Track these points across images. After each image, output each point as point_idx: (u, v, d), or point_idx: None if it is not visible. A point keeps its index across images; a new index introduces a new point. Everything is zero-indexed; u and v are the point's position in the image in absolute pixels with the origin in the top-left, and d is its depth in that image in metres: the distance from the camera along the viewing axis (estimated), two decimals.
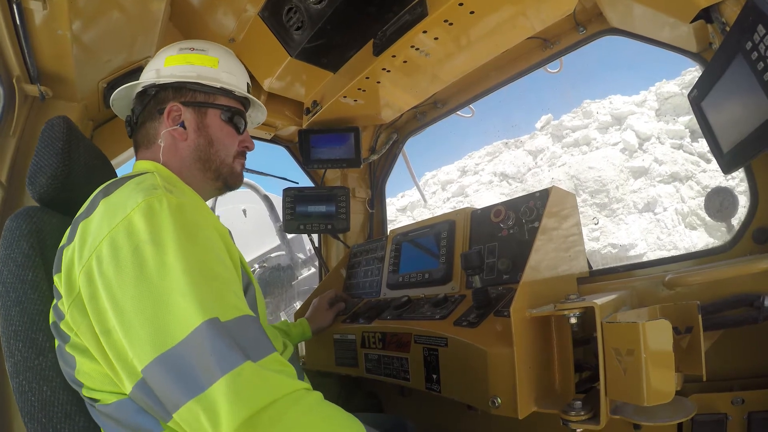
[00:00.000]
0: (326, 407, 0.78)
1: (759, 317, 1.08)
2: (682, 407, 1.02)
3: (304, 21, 1.62)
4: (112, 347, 0.78)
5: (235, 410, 0.66)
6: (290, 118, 2.24)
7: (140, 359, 0.73)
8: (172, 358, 0.71)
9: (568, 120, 26.13)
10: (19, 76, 1.39)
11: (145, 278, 0.76)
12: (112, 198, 0.87)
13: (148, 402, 0.76)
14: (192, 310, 0.73)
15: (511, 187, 25.61)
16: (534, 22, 1.52)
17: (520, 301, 1.06)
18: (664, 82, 24.33)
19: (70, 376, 0.88)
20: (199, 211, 0.89)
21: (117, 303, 0.76)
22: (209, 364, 0.70)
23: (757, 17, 0.90)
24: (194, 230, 0.83)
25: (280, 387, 0.73)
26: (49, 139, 1.05)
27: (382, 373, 1.56)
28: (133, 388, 0.77)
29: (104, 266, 0.78)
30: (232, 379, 0.69)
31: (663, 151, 21.22)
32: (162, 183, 0.90)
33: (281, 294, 7.07)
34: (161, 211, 0.81)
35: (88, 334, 0.81)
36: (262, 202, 5.86)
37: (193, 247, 0.80)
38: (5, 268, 0.95)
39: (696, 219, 18.27)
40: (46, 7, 1.20)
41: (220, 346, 0.71)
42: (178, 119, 1.16)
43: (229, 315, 0.76)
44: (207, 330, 0.72)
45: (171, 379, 0.71)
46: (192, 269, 0.77)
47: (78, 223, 0.88)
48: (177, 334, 0.72)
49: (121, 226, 0.80)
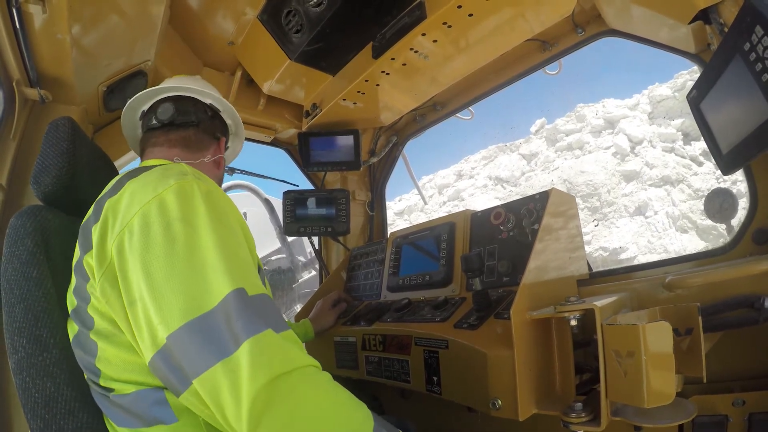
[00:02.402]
0: (337, 387, 0.80)
1: (759, 318, 1.08)
2: (683, 409, 1.01)
3: (303, 24, 1.63)
4: (135, 318, 0.79)
5: (256, 373, 0.68)
6: (290, 121, 2.25)
7: (168, 325, 0.74)
8: (202, 324, 0.73)
9: (562, 124, 26.17)
10: (19, 80, 1.39)
11: (177, 250, 0.78)
12: (141, 179, 0.89)
13: (166, 371, 0.76)
14: (222, 280, 0.76)
15: (506, 191, 25.65)
16: (533, 24, 1.53)
17: (521, 304, 1.06)
18: (657, 86, 24.38)
19: (88, 365, 0.88)
20: (226, 199, 0.93)
21: (148, 272, 0.77)
22: (236, 329, 0.72)
23: (755, 18, 0.90)
24: (221, 215, 0.86)
25: (297, 359, 0.74)
26: (54, 139, 1.06)
27: (382, 376, 1.56)
28: (154, 356, 0.77)
29: (135, 239, 0.80)
30: (255, 343, 0.71)
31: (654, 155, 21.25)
32: (191, 170, 0.93)
33: (282, 297, 7.06)
34: (193, 194, 0.85)
35: (117, 305, 0.82)
36: (263, 205, 5.86)
37: (222, 229, 0.83)
38: (9, 266, 0.95)
39: (687, 222, 18.29)
40: (46, 11, 1.21)
41: (247, 312, 0.74)
42: (218, 151, 1.30)
43: (254, 291, 0.78)
44: (234, 299, 0.74)
45: (199, 343, 0.72)
46: (223, 247, 0.80)
47: (103, 201, 0.89)
48: (207, 303, 0.74)
49: (154, 203, 0.82)
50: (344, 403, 0.79)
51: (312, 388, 0.75)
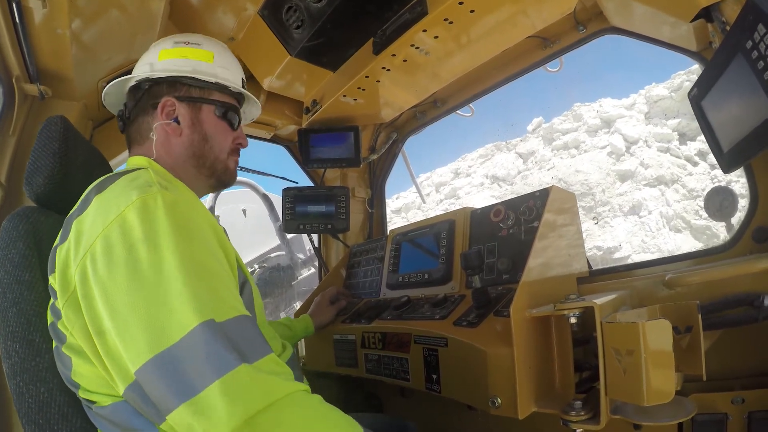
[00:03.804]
0: (324, 409, 0.78)
1: (759, 317, 1.08)
2: (682, 407, 1.02)
3: (304, 20, 1.62)
4: (106, 349, 0.77)
5: (231, 413, 0.65)
6: (290, 118, 2.24)
7: (134, 361, 0.72)
8: (167, 360, 0.70)
9: (558, 123, 26.22)
10: (18, 76, 1.38)
11: (140, 278, 0.75)
12: (105, 194, 0.86)
13: (140, 404, 0.76)
14: (188, 312, 0.72)
15: (502, 189, 25.69)
16: (534, 21, 1.52)
17: (520, 301, 1.06)
18: (654, 86, 24.40)
19: (66, 377, 0.87)
20: (194, 208, 0.88)
21: (111, 303, 0.75)
22: (204, 368, 0.68)
23: (758, 16, 0.90)
24: (189, 228, 0.82)
25: (276, 389, 0.72)
26: (46, 139, 1.04)
27: (382, 374, 1.56)
28: (126, 390, 0.76)
29: (98, 265, 0.77)
30: (227, 382, 0.68)
31: (649, 155, 21.31)
32: (157, 179, 0.88)
33: (281, 294, 7.05)
34: (156, 209, 0.80)
35: (82, 334, 0.80)
36: (262, 202, 5.85)
37: (188, 245, 0.79)
38: (2, 269, 0.94)
39: (681, 222, 18.38)
40: (46, 6, 1.20)
41: (216, 348, 0.70)
42: (171, 114, 1.14)
43: (225, 315, 0.75)
44: (202, 332, 0.71)
45: (165, 381, 0.69)
46: (188, 268, 0.75)
47: (71, 221, 0.87)
48: (172, 336, 0.71)
49: (115, 223, 0.78)
50: (335, 424, 0.77)
51: (299, 415, 0.73)
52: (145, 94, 1.16)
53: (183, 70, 1.17)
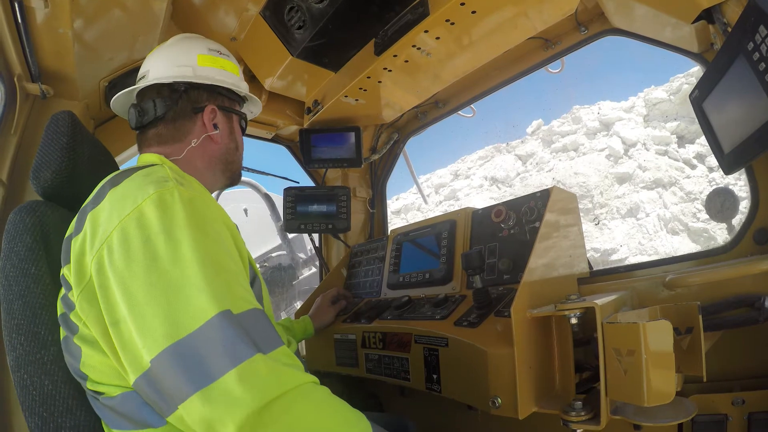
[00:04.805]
0: (334, 401, 0.79)
1: (759, 318, 1.08)
2: (683, 408, 1.02)
3: (306, 20, 1.62)
4: (120, 338, 0.78)
5: (248, 400, 0.67)
6: (291, 118, 2.24)
7: (150, 349, 0.73)
8: (184, 349, 0.71)
9: (557, 125, 26.21)
10: (20, 75, 1.38)
11: (158, 269, 0.76)
12: (121, 188, 0.87)
13: (151, 394, 0.76)
14: (205, 302, 0.74)
15: (501, 191, 25.68)
16: (535, 22, 1.52)
17: (521, 302, 1.06)
18: (652, 88, 24.38)
19: (74, 368, 0.87)
20: (210, 205, 0.90)
21: (128, 293, 0.76)
22: (221, 356, 0.70)
23: (759, 18, 0.90)
24: (205, 223, 0.84)
25: (290, 379, 0.74)
26: (54, 134, 1.05)
27: (382, 373, 1.56)
28: (138, 380, 0.77)
29: (115, 256, 0.78)
30: (244, 370, 0.70)
31: (647, 158, 21.30)
32: (172, 175, 0.90)
33: (282, 294, 7.06)
34: (173, 203, 0.82)
35: (96, 324, 0.81)
36: (263, 202, 5.85)
37: (204, 239, 0.81)
38: (8, 262, 0.95)
39: (678, 224, 18.37)
40: (48, 5, 1.20)
41: (233, 338, 0.72)
42: (212, 121, 1.20)
43: (241, 307, 0.77)
44: (219, 322, 0.73)
45: (180, 369, 0.71)
46: (205, 261, 0.77)
47: (86, 212, 0.88)
48: (190, 325, 0.72)
49: (132, 216, 0.80)
50: (343, 417, 0.79)
51: (309, 406, 0.74)
52: (183, 97, 1.18)
53: (226, 81, 1.24)
